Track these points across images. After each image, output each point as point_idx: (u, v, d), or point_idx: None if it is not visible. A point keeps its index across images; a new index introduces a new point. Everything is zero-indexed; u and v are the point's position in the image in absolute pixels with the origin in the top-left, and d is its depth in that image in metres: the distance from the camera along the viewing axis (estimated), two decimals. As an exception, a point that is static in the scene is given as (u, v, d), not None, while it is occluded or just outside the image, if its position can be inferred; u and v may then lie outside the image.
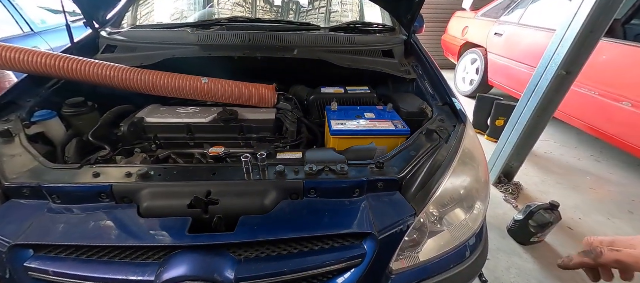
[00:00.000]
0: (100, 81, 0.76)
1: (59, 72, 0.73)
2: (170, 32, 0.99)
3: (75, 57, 0.75)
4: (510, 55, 2.90)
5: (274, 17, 1.37)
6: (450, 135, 0.67)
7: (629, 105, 1.81)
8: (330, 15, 1.46)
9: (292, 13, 1.44)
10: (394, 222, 0.52)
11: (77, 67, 0.73)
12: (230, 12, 1.33)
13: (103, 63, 0.75)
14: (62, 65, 0.73)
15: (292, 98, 0.91)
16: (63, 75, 0.74)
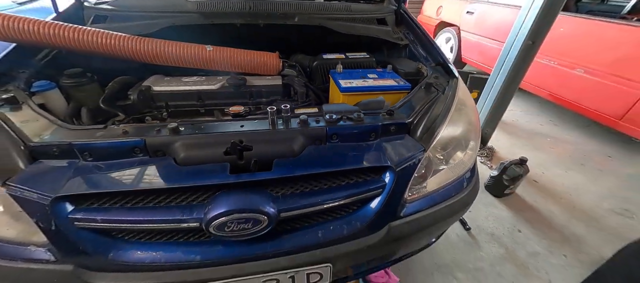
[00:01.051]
0: (102, 50, 0.73)
1: (57, 40, 0.69)
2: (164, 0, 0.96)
3: (75, 26, 0.71)
4: (481, 32, 3.11)
5: None
6: (446, 88, 0.76)
7: (582, 71, 2.06)
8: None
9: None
10: (408, 156, 0.60)
11: (76, 35, 0.70)
12: None
13: (105, 32, 0.73)
14: (62, 34, 0.70)
15: (295, 65, 0.94)
16: (61, 45, 0.71)
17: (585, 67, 2.04)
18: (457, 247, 1.34)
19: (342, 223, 0.59)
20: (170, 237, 0.53)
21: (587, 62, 2.03)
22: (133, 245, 0.52)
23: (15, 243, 0.50)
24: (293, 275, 0.56)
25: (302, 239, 0.56)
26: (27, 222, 0.49)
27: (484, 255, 1.31)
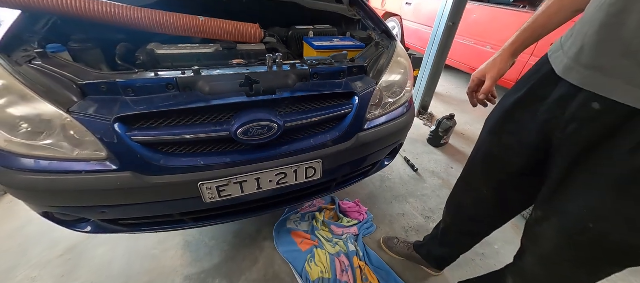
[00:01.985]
0: (108, 19, 0.83)
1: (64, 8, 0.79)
2: None
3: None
4: (419, 21, 3.64)
5: None
6: (389, 46, 1.06)
7: (490, 47, 2.67)
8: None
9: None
10: (366, 87, 0.87)
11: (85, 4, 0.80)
12: None
13: (110, 2, 0.84)
14: (70, 3, 0.79)
15: (274, 34, 1.15)
16: (68, 12, 0.80)
17: (492, 44, 2.65)
18: (408, 183, 1.72)
19: (326, 134, 0.84)
20: (205, 148, 0.72)
21: (493, 40, 2.64)
22: (178, 155, 0.69)
23: (84, 160, 0.63)
24: (296, 169, 0.80)
25: (300, 145, 0.80)
26: (88, 144, 0.63)
27: (427, 185, 1.71)
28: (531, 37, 0.63)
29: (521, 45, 0.65)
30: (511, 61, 0.67)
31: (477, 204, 0.78)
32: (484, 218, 0.81)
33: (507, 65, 0.67)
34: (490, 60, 0.70)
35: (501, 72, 0.67)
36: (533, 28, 0.62)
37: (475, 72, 0.73)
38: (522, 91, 0.57)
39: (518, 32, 0.65)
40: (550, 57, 0.53)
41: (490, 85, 0.69)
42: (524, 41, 0.64)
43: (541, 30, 0.62)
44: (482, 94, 0.71)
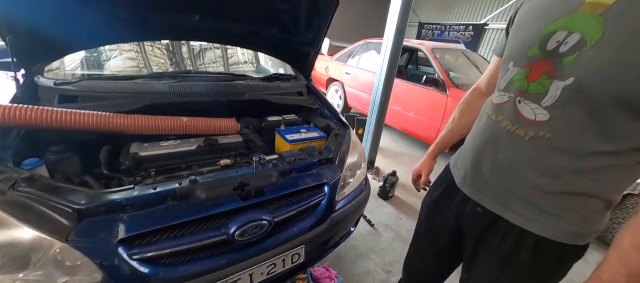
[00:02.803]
0: (93, 128, 0.88)
1: (49, 122, 0.81)
2: (135, 83, 1.13)
3: (66, 109, 0.84)
4: (357, 87, 4.35)
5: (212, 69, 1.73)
6: (345, 134, 1.34)
7: (413, 113, 3.37)
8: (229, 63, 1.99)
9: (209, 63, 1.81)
10: (334, 176, 1.09)
11: (69, 117, 0.83)
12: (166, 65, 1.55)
13: (96, 112, 0.89)
14: (54, 117, 0.81)
15: (249, 125, 1.32)
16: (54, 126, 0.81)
17: (413, 111, 3.36)
18: (368, 238, 1.93)
19: (306, 220, 0.99)
20: (203, 253, 0.78)
21: (413, 108, 3.36)
22: (177, 264, 0.73)
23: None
24: (283, 258, 0.90)
25: (285, 234, 0.92)
26: (82, 268, 0.63)
27: (383, 239, 1.95)
28: (442, 147, 0.99)
29: (438, 152, 0.99)
30: (434, 162, 1.00)
31: (426, 266, 1.01)
32: (433, 277, 1.04)
33: (432, 164, 1.01)
34: (421, 162, 1.03)
35: (430, 169, 1.01)
36: (442, 141, 0.98)
37: (415, 169, 1.05)
38: (440, 189, 0.87)
39: (434, 144, 0.99)
40: (451, 170, 0.84)
41: (425, 179, 1.01)
42: (439, 149, 0.99)
43: (448, 143, 0.98)
44: (422, 184, 1.03)
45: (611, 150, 0.52)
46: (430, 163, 1.02)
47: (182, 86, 1.20)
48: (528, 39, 0.60)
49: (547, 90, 0.56)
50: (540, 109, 0.57)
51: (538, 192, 0.60)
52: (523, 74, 0.60)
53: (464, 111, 0.93)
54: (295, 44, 1.51)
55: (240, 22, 1.26)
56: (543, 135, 0.57)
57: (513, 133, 0.61)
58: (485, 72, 0.86)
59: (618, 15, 0.47)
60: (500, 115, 0.65)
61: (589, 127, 0.52)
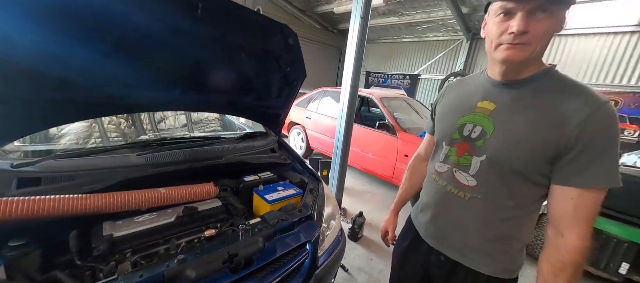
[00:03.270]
0: (63, 214, 0.83)
1: (12, 215, 0.75)
2: (107, 158, 1.08)
3: (28, 198, 0.79)
4: (319, 131, 4.64)
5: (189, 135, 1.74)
6: (318, 188, 1.47)
7: (371, 154, 3.72)
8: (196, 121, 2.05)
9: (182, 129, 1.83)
10: (314, 232, 1.18)
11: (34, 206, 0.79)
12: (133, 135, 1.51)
13: (67, 197, 0.84)
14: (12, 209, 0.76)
15: (227, 188, 1.35)
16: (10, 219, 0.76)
17: (372, 152, 3.72)
18: (344, 285, 1.97)
19: (296, 279, 1.04)
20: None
21: (371, 151, 3.72)
22: None
23: None
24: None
25: (276, 298, 0.95)
26: None
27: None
28: (401, 204, 1.19)
29: (399, 209, 1.19)
30: (397, 218, 1.18)
31: None
32: None
33: (396, 220, 1.19)
34: (386, 220, 1.20)
35: (395, 225, 1.18)
36: (400, 200, 1.18)
37: (382, 227, 1.21)
38: (408, 241, 1.03)
39: (394, 203, 1.19)
40: (414, 223, 1.02)
41: (392, 235, 1.18)
42: (399, 206, 1.19)
43: (405, 200, 1.18)
44: (390, 240, 1.19)
45: (517, 205, 0.75)
46: (394, 220, 1.20)
47: (159, 157, 1.20)
48: (451, 128, 0.85)
49: (470, 164, 0.79)
50: (469, 177, 0.79)
51: (482, 240, 0.80)
52: (454, 152, 0.84)
53: (412, 174, 1.16)
54: (268, 108, 1.66)
55: (220, 94, 1.37)
56: (476, 196, 0.79)
57: (456, 195, 0.83)
58: (422, 144, 1.14)
59: (498, 118, 0.74)
60: (445, 181, 0.86)
61: (502, 189, 0.75)
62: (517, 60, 0.67)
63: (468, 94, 0.84)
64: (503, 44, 0.68)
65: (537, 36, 0.63)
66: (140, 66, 1.03)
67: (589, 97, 0.64)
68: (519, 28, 0.63)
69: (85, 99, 0.96)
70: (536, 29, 0.63)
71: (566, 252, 0.66)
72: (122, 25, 0.87)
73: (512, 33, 0.64)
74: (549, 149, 0.66)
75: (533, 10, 0.62)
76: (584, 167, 0.63)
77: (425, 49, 6.99)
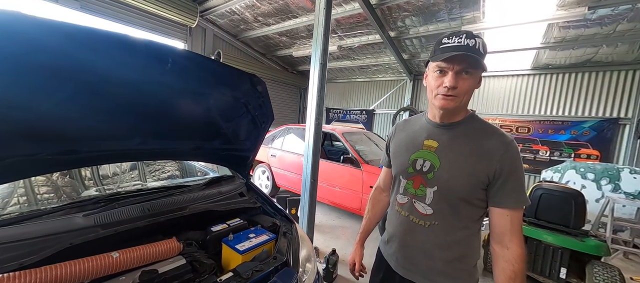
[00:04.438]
0: None
1: None
2: (45, 223, 0.90)
3: None
4: (284, 168, 4.60)
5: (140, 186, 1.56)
6: (291, 229, 1.43)
7: (338, 188, 3.79)
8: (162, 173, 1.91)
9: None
10: (291, 280, 1.13)
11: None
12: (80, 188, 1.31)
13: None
14: None
15: (192, 242, 1.23)
16: None
17: (338, 185, 3.80)
18: (322, 334, 1.84)
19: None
20: None
21: (337, 183, 3.81)
22: None
23: None
24: None
25: None
26: None
27: (337, 329, 1.90)
28: (366, 234, 1.24)
29: (364, 239, 1.24)
30: (363, 249, 1.22)
31: None
32: None
33: (362, 251, 1.23)
34: (353, 252, 1.23)
35: (361, 256, 1.22)
36: (365, 230, 1.24)
37: (349, 260, 1.23)
38: (380, 274, 1.06)
39: (359, 234, 1.24)
40: (385, 256, 1.06)
41: (359, 266, 1.20)
42: (364, 237, 1.24)
43: (369, 230, 1.24)
44: (357, 272, 1.21)
45: (465, 225, 0.86)
46: (360, 251, 1.23)
47: (110, 215, 1.06)
48: (405, 163, 0.97)
49: (425, 194, 0.90)
50: (426, 206, 0.90)
51: (444, 262, 0.88)
52: (410, 184, 0.95)
53: (374, 204, 1.25)
54: (236, 151, 1.63)
55: (183, 140, 1.32)
56: (434, 223, 0.88)
57: (418, 224, 0.91)
58: (380, 177, 1.24)
59: (441, 153, 0.88)
60: (406, 211, 0.95)
61: (452, 214, 0.87)
62: (450, 108, 0.85)
63: (415, 133, 0.99)
64: (439, 95, 0.85)
65: (463, 90, 0.82)
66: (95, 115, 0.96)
67: (501, 137, 0.83)
68: (449, 84, 0.81)
69: (27, 155, 0.84)
70: (462, 85, 0.82)
71: (515, 262, 0.78)
72: (84, 71, 0.82)
73: (445, 87, 0.82)
74: (482, 178, 0.82)
75: (459, 71, 0.80)
76: (510, 191, 0.80)
77: (377, 87, 7.80)
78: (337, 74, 8.01)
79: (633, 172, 4.15)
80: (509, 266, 0.79)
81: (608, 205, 3.58)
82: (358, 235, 1.24)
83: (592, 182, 4.37)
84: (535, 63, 5.19)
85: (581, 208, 2.58)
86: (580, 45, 4.23)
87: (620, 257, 3.47)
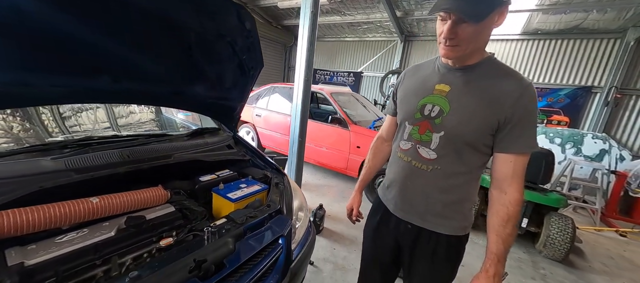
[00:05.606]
0: None
1: None
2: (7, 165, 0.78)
3: None
4: (269, 128, 4.49)
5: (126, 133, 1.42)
6: (283, 181, 1.41)
7: (325, 148, 3.80)
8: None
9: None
10: (286, 226, 1.13)
11: None
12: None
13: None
14: None
15: (180, 191, 1.17)
16: None
17: (325, 146, 3.80)
18: (311, 278, 1.96)
19: (271, 276, 0.97)
20: None
21: (324, 144, 3.81)
22: None
23: None
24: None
25: (252, 302, 0.87)
26: None
27: (325, 274, 2.04)
28: (365, 183, 1.23)
29: (362, 188, 1.24)
30: (361, 196, 1.23)
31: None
32: None
33: (360, 198, 1.24)
34: (351, 198, 1.23)
35: (359, 203, 1.23)
36: (364, 179, 1.22)
37: (347, 205, 1.24)
38: (378, 216, 1.08)
39: (358, 182, 1.23)
40: (383, 201, 1.07)
41: (356, 212, 1.22)
42: (363, 185, 1.23)
43: (368, 179, 1.23)
44: (354, 217, 1.23)
45: (467, 170, 0.87)
46: (358, 198, 1.24)
47: (84, 159, 0.96)
48: (413, 109, 0.93)
49: (431, 139, 0.88)
50: (431, 151, 0.88)
51: (441, 205, 0.89)
52: (416, 130, 0.92)
53: (375, 153, 1.22)
54: (221, 100, 1.51)
55: (161, 82, 1.17)
56: (436, 167, 0.88)
57: (420, 168, 0.90)
58: (384, 126, 1.20)
59: (452, 98, 0.84)
60: (409, 157, 0.94)
61: (456, 159, 0.86)
62: (452, 57, 0.81)
63: (426, 78, 0.93)
64: (441, 43, 0.80)
65: (465, 39, 0.75)
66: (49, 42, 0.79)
67: (519, 80, 0.78)
68: (445, 34, 0.76)
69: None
70: (462, 34, 0.74)
71: (510, 205, 0.80)
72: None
73: (445, 37, 0.76)
74: (492, 123, 0.79)
75: (458, 20, 0.73)
76: (517, 137, 0.78)
77: (366, 48, 7.52)
78: (326, 31, 7.55)
79: (595, 137, 4.52)
80: (504, 209, 0.80)
81: (569, 167, 3.93)
82: (357, 184, 1.24)
83: (558, 146, 4.72)
84: (526, 27, 5.16)
85: (550, 167, 2.80)
86: (573, 8, 4.21)
87: (570, 211, 3.93)
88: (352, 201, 1.23)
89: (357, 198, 1.23)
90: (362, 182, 1.23)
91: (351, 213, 1.23)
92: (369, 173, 1.22)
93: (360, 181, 1.23)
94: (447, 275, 0.96)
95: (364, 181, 1.23)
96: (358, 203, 1.23)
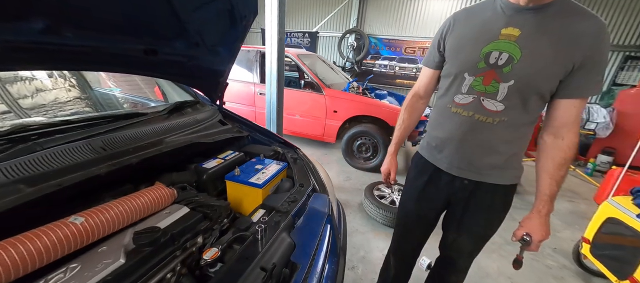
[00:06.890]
0: None
1: None
2: None
3: None
4: (230, 99, 3.98)
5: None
6: (299, 155, 1.23)
7: (299, 116, 3.59)
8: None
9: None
10: (326, 203, 0.99)
11: None
12: None
13: None
14: None
15: (185, 185, 0.88)
16: None
17: (299, 113, 3.59)
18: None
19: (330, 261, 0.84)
20: None
21: (297, 111, 3.58)
22: None
23: None
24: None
25: None
26: None
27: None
28: (399, 144, 1.15)
29: (397, 150, 1.15)
30: (396, 158, 1.15)
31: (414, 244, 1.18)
32: (417, 249, 1.22)
33: (396, 161, 1.16)
34: (388, 162, 1.15)
35: (396, 166, 1.15)
36: (399, 139, 1.14)
37: (383, 169, 1.16)
38: (426, 176, 1.02)
39: (392, 144, 1.14)
40: (432, 161, 1.01)
41: (394, 176, 1.15)
42: (397, 147, 1.15)
43: (403, 139, 1.15)
44: (392, 180, 1.16)
45: (530, 121, 0.84)
46: (395, 161, 1.16)
47: (37, 160, 0.60)
48: (474, 57, 0.83)
49: (497, 90, 0.81)
50: (497, 102, 0.82)
51: (505, 157, 0.87)
52: (479, 81, 0.83)
53: (410, 112, 1.13)
54: (204, 62, 1.16)
55: (128, 36, 0.79)
56: (503, 119, 0.83)
57: (485, 122, 0.84)
58: (421, 81, 1.07)
59: (524, 43, 0.76)
60: (471, 111, 0.86)
61: (522, 109, 0.82)
62: None
63: (487, 22, 0.82)
64: None
65: None
66: None
67: (595, 19, 0.72)
68: None
69: None
70: None
71: (569, 150, 0.81)
72: None
73: None
74: (567, 66, 0.74)
75: None
76: (586, 80, 0.75)
77: (319, 5, 7.04)
78: (273, -14, 6.73)
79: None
80: (561, 154, 0.79)
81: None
82: (392, 146, 1.14)
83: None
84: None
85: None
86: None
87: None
88: (389, 165, 1.15)
89: (394, 162, 1.15)
90: (397, 144, 1.14)
91: (389, 177, 1.16)
92: (404, 133, 1.13)
93: (396, 143, 1.14)
94: (498, 224, 0.98)
95: (398, 143, 1.15)
96: (395, 167, 1.15)
